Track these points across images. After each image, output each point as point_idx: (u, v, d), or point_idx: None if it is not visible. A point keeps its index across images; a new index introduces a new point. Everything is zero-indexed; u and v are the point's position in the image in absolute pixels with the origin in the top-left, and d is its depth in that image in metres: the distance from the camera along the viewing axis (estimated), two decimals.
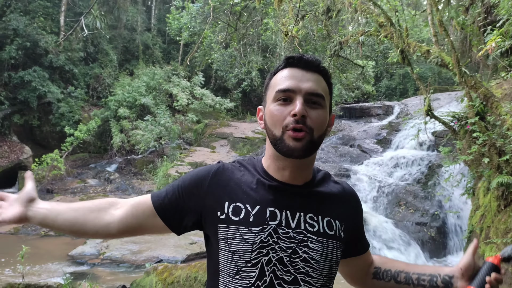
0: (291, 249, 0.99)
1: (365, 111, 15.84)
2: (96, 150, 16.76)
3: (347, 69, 11.10)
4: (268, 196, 1.03)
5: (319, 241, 1.02)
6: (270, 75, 1.09)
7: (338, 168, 9.84)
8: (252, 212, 1.01)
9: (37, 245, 7.26)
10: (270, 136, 1.03)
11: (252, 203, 1.02)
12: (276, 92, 1.02)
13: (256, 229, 0.99)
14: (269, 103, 1.04)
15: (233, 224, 1.00)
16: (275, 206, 1.02)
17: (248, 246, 0.98)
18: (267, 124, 1.04)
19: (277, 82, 1.04)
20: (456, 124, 6.16)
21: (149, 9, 24.19)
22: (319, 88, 1.02)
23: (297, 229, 1.01)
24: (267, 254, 0.98)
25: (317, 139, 1.01)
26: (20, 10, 15.19)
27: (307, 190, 1.07)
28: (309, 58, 1.04)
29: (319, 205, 1.07)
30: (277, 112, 1.00)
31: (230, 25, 10.41)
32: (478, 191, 6.04)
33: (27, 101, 14.75)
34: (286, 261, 0.98)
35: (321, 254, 1.02)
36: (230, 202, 1.03)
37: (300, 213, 1.03)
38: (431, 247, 7.12)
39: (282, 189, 1.05)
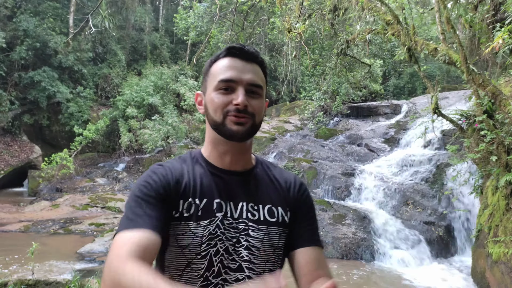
0: (235, 239, 1.04)
1: (373, 110, 15.76)
2: (105, 149, 16.91)
3: (354, 68, 11.05)
4: (213, 187, 1.06)
5: (260, 229, 1.06)
6: (210, 62, 1.10)
7: (345, 167, 9.81)
8: (200, 206, 1.03)
9: (47, 242, 7.34)
10: (211, 121, 1.06)
11: (200, 196, 1.04)
12: (218, 82, 1.04)
13: (204, 222, 1.01)
14: (210, 90, 1.07)
15: (184, 221, 1.01)
16: (220, 197, 1.05)
17: (198, 239, 1.00)
18: (208, 110, 1.07)
19: (218, 71, 1.06)
20: (464, 122, 6.12)
21: (157, 9, 24.34)
22: (258, 79, 1.07)
23: (239, 219, 1.05)
24: (215, 245, 1.01)
25: (258, 124, 1.07)
26: (30, 11, 15.39)
27: (248, 178, 1.11)
28: (250, 49, 1.08)
29: (260, 193, 1.10)
30: (218, 100, 1.04)
31: (237, 24, 10.44)
32: (486, 190, 5.99)
33: (37, 101, 14.95)
34: (231, 250, 1.03)
35: (262, 241, 1.06)
36: (184, 200, 1.03)
37: (242, 203, 1.07)
38: (439, 246, 7.07)
39: (225, 178, 1.08)
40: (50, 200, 10.72)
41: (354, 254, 6.81)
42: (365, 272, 6.26)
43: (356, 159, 11.15)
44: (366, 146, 12.10)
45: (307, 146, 11.82)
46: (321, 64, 11.90)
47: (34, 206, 10.25)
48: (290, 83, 14.61)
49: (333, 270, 6.28)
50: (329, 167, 9.88)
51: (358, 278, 6.06)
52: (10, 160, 13.81)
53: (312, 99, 15.06)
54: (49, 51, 15.26)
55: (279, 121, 17.00)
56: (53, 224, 8.80)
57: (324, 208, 7.89)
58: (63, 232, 8.37)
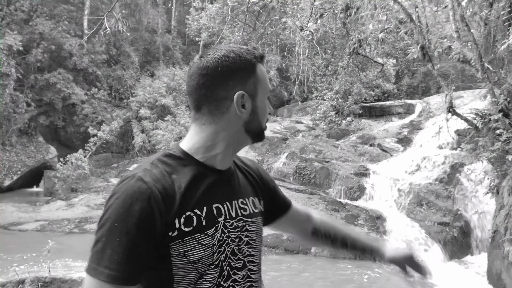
0: (238, 238, 1.04)
1: (386, 110, 15.61)
2: (119, 150, 17.11)
3: (366, 67, 10.97)
4: (209, 192, 1.01)
5: (253, 222, 1.10)
6: (251, 63, 1.03)
7: (357, 167, 9.75)
8: (202, 215, 0.97)
9: (62, 241, 7.46)
10: (257, 127, 1.06)
11: (199, 205, 0.97)
12: (267, 89, 1.07)
13: (211, 231, 0.97)
14: (262, 96, 1.06)
15: (189, 236, 0.94)
16: (218, 201, 1.02)
17: (209, 250, 0.97)
18: (258, 115, 1.05)
19: (264, 78, 1.07)
20: (479, 121, 6.02)
21: (169, 11, 24.54)
22: None
23: (236, 217, 1.05)
24: (224, 251, 1.00)
25: None
26: (46, 14, 15.69)
27: (232, 174, 1.11)
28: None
29: (243, 187, 1.13)
30: (267, 109, 1.09)
31: (249, 25, 10.46)
32: (502, 190, 5.88)
33: (52, 102, 15.23)
34: (236, 250, 1.04)
35: (256, 233, 1.11)
36: (179, 216, 0.94)
37: (235, 201, 1.07)
38: (453, 248, 6.97)
39: (217, 178, 1.04)
40: (65, 200, 10.90)
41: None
42: (377, 273, 6.21)
43: (368, 159, 11.06)
44: (379, 146, 11.99)
45: (319, 146, 11.77)
46: (333, 64, 11.84)
47: (50, 206, 10.44)
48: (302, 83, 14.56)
49: (346, 270, 6.26)
50: (341, 167, 9.82)
51: (371, 278, 6.02)
52: (27, 161, 14.09)
53: (324, 99, 14.99)
54: (64, 54, 15.53)
55: (290, 121, 16.97)
56: (68, 224, 8.95)
57: (336, 209, 7.85)
58: (78, 232, 8.51)
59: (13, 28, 14.13)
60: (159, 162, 0.99)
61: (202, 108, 1.02)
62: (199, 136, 1.03)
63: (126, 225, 0.87)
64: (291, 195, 8.35)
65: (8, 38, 12.69)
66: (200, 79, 1.00)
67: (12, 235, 8.09)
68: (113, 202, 0.90)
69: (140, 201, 0.89)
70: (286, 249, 6.98)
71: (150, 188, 0.91)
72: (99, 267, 0.86)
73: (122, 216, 0.88)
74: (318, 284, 5.82)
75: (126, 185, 0.91)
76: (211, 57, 1.00)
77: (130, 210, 0.88)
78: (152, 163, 0.99)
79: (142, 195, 0.89)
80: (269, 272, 5.98)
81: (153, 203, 0.89)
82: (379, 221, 7.39)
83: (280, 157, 11.43)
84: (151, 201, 0.89)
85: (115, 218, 0.88)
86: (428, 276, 1.34)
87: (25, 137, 14.80)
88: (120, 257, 0.86)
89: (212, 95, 1.00)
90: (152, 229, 0.89)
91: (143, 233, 0.88)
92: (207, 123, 1.02)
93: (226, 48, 1.02)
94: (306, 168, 10.04)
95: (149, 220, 0.88)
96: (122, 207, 0.88)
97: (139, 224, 0.87)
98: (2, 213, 9.45)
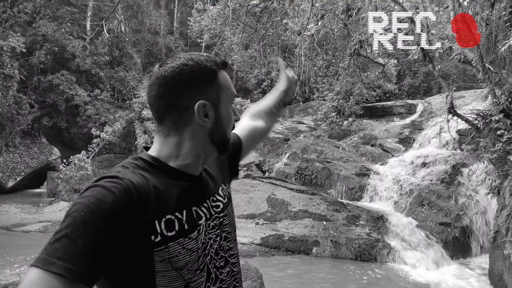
0: (218, 236, 1.04)
1: (387, 110, 15.60)
2: (121, 151, 17.17)
3: (367, 68, 10.98)
4: (187, 196, 0.98)
5: (225, 214, 1.10)
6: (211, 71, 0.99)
7: (359, 167, 9.75)
8: (183, 219, 0.94)
9: None
10: (221, 136, 1.03)
11: (178, 208, 0.94)
12: (231, 96, 1.05)
13: (194, 234, 0.95)
14: (226, 104, 1.03)
15: (172, 241, 0.90)
16: (195, 204, 1.00)
17: (195, 254, 0.94)
18: (222, 125, 1.02)
19: (228, 84, 1.03)
20: (480, 122, 6.03)
21: (171, 12, 24.63)
22: None
23: (213, 216, 1.04)
24: (208, 253, 0.99)
25: None
26: (49, 16, 15.80)
27: (202, 177, 1.07)
28: None
29: (212, 181, 1.11)
30: (232, 118, 1.06)
31: (251, 26, 10.49)
32: (504, 191, 5.88)
33: (56, 104, 15.33)
34: (218, 250, 1.04)
35: (230, 224, 1.11)
36: (159, 219, 0.89)
37: (208, 201, 1.05)
38: (455, 248, 6.97)
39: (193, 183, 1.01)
40: (68, 201, 10.95)
41: (368, 255, 6.77)
42: (379, 274, 6.22)
43: (370, 159, 11.07)
44: (380, 147, 11.99)
45: (321, 146, 11.78)
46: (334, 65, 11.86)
47: (53, 207, 10.50)
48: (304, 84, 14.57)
49: (347, 271, 6.27)
50: (342, 168, 9.83)
51: (373, 279, 6.03)
52: (30, 162, 14.17)
53: (325, 100, 15.01)
54: (67, 55, 15.63)
55: (292, 122, 16.99)
56: None
57: (337, 209, 7.86)
58: None
59: (16, 30, 14.24)
60: (130, 164, 0.94)
61: (165, 119, 0.97)
62: (166, 147, 0.99)
63: (94, 218, 0.78)
64: (292, 195, 8.38)
65: (11, 40, 12.78)
66: (159, 89, 0.95)
67: (15, 236, 8.14)
68: (84, 195, 0.82)
69: (112, 195, 0.82)
70: (287, 249, 7.00)
71: (123, 184, 0.84)
72: (51, 258, 0.75)
73: (91, 209, 0.79)
74: (319, 284, 5.83)
75: (99, 183, 0.85)
76: (169, 66, 0.95)
77: (101, 204, 0.80)
78: (122, 165, 0.94)
79: (115, 189, 0.83)
80: (271, 272, 6.00)
81: (126, 198, 0.83)
82: (381, 222, 7.39)
83: (281, 157, 11.45)
84: (125, 196, 0.83)
85: (84, 209, 0.79)
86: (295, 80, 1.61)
87: (28, 138, 14.89)
88: (80, 250, 0.75)
89: (172, 105, 0.95)
90: (124, 227, 0.82)
91: (112, 230, 0.80)
92: (172, 134, 0.98)
93: (185, 56, 0.98)
94: (308, 169, 10.06)
95: (121, 215, 0.81)
96: (94, 198, 0.80)
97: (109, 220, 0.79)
98: (5, 214, 9.52)
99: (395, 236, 7.06)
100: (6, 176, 13.27)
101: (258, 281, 3.86)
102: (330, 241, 6.98)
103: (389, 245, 6.82)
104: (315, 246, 6.97)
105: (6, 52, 12.49)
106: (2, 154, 13.47)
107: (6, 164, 13.44)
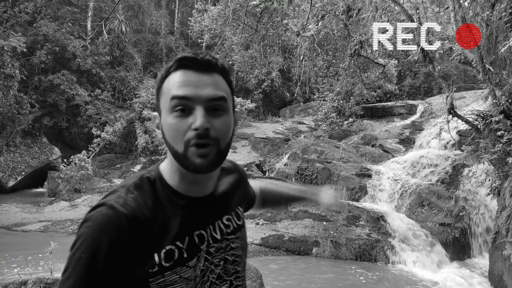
0: (223, 260, 0.99)
1: (387, 111, 15.60)
2: (122, 150, 17.20)
3: (368, 68, 10.98)
4: (190, 220, 0.93)
5: (237, 237, 1.04)
6: (161, 78, 0.92)
7: (359, 167, 9.75)
8: (184, 247, 0.90)
9: (65, 242, 7.45)
10: (171, 151, 0.90)
11: (179, 236, 0.90)
12: (171, 101, 0.88)
13: (193, 262, 0.91)
14: (165, 113, 0.90)
15: (169, 270, 0.87)
16: (199, 228, 0.95)
17: (192, 283, 0.91)
18: (167, 138, 0.90)
19: (170, 88, 0.89)
20: (480, 123, 6.03)
21: (172, 12, 24.65)
22: (219, 91, 0.90)
23: (221, 238, 0.99)
24: (207, 279, 0.95)
25: (225, 148, 0.91)
26: (50, 16, 15.83)
27: (216, 193, 1.02)
28: (205, 57, 0.90)
29: (227, 203, 1.05)
30: (176, 126, 0.87)
31: (251, 26, 10.50)
32: (504, 191, 5.88)
33: (56, 103, 15.36)
34: (222, 273, 0.98)
35: (241, 247, 1.05)
36: (159, 251, 0.87)
37: (218, 222, 1.00)
38: (455, 248, 6.97)
39: (198, 206, 0.96)
40: (69, 200, 10.97)
41: (368, 255, 6.77)
42: (379, 274, 6.22)
43: (370, 160, 11.07)
44: (380, 147, 11.99)
45: (321, 147, 11.79)
46: (334, 65, 11.86)
47: (54, 207, 10.51)
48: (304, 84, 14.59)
49: (347, 271, 6.27)
50: (343, 168, 9.83)
51: (373, 280, 6.03)
52: (31, 162, 14.19)
53: (326, 100, 15.02)
54: (68, 55, 15.66)
55: (293, 122, 17.00)
56: (71, 224, 9.01)
57: (338, 209, 7.86)
58: None
59: (17, 30, 14.26)
60: (135, 188, 0.90)
61: None
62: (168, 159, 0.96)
63: (92, 258, 0.80)
64: None
65: (12, 40, 12.80)
66: None
67: (15, 236, 8.15)
68: (82, 232, 0.82)
69: (109, 233, 0.81)
70: (288, 249, 7.00)
71: (120, 219, 0.83)
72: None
73: (89, 249, 0.80)
74: (319, 285, 5.83)
75: (97, 213, 0.84)
76: None
77: (98, 242, 0.80)
78: (127, 189, 0.90)
79: (112, 226, 0.82)
80: (271, 274, 6.01)
81: (123, 236, 0.82)
82: (381, 222, 7.39)
83: (282, 157, 11.45)
84: (121, 234, 0.82)
85: (83, 249, 0.80)
86: (345, 210, 1.60)
87: (29, 138, 14.91)
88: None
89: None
90: (121, 263, 0.82)
91: (110, 268, 0.81)
92: None
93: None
94: (308, 169, 10.06)
95: (117, 254, 0.81)
96: (90, 238, 0.81)
97: (106, 260, 0.80)
98: (6, 214, 9.53)
99: (395, 237, 7.06)
100: (7, 175, 13.29)
101: (258, 281, 3.87)
102: (330, 241, 6.99)
103: (389, 246, 6.82)
104: (315, 247, 6.98)
105: (7, 52, 12.51)
106: (3, 154, 13.49)
107: (7, 164, 13.46)
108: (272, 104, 21.41)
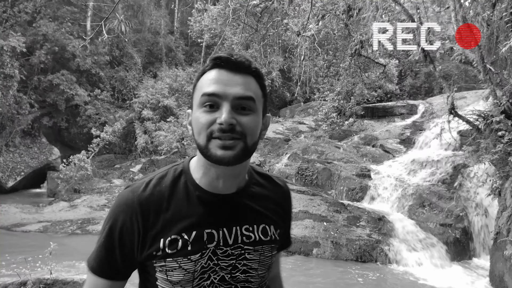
0: (231, 266, 0.98)
1: (388, 111, 15.58)
2: (121, 151, 17.17)
3: (368, 68, 10.95)
4: (204, 216, 0.97)
5: (256, 250, 1.02)
6: (197, 76, 0.97)
7: (359, 168, 9.73)
8: (189, 240, 0.94)
9: (65, 242, 7.50)
10: (196, 144, 0.94)
11: (188, 229, 0.95)
12: (201, 97, 0.92)
13: (195, 257, 0.94)
14: (195, 109, 0.94)
15: (171, 257, 0.94)
16: (212, 226, 0.97)
17: (189, 275, 0.94)
18: (194, 132, 0.94)
19: (203, 85, 0.93)
20: (481, 123, 6.01)
21: (172, 12, 24.61)
22: (248, 91, 0.92)
23: (234, 245, 0.98)
24: (208, 277, 0.96)
25: (252, 146, 0.93)
26: (49, 16, 15.79)
27: (241, 199, 1.02)
28: (238, 58, 0.93)
29: (254, 213, 1.04)
30: (202, 119, 0.90)
31: (251, 26, 10.47)
32: (505, 192, 5.86)
33: (56, 104, 15.33)
34: (227, 278, 0.98)
35: (258, 261, 1.02)
36: (165, 237, 0.94)
37: (236, 227, 0.99)
38: (456, 249, 6.94)
39: (217, 203, 0.98)
40: (68, 201, 10.94)
41: (369, 256, 6.75)
42: (380, 275, 6.20)
43: (371, 160, 11.04)
44: (381, 147, 11.97)
45: (321, 147, 11.77)
46: (335, 65, 11.84)
47: (53, 207, 10.49)
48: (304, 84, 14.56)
49: (348, 272, 6.25)
50: (343, 168, 9.81)
51: (373, 280, 6.01)
52: (30, 162, 14.16)
53: (326, 100, 14.99)
54: (67, 55, 15.62)
55: (293, 122, 16.97)
56: (71, 225, 8.99)
57: (338, 210, 7.84)
58: (81, 233, 8.54)
59: (16, 29, 14.23)
60: (159, 177, 1.01)
61: None
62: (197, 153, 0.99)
63: (109, 231, 0.97)
64: (293, 196, 8.33)
65: (11, 39, 12.76)
66: None
67: (15, 236, 8.13)
68: (111, 207, 0.99)
69: (123, 213, 0.96)
70: (288, 250, 6.98)
71: (134, 202, 0.96)
72: (89, 258, 1.00)
73: (109, 222, 0.97)
74: (319, 285, 5.81)
75: (121, 194, 0.99)
76: None
77: (115, 219, 0.97)
78: (152, 178, 1.01)
79: (128, 207, 0.96)
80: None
81: (134, 219, 0.95)
82: (381, 223, 7.37)
83: (282, 158, 11.43)
84: (133, 217, 0.95)
85: (106, 222, 0.98)
86: None
87: (28, 138, 14.88)
88: (99, 254, 0.98)
89: None
90: (129, 242, 0.96)
91: (120, 243, 0.96)
92: None
93: None
94: (308, 169, 10.04)
95: (127, 233, 0.96)
96: (112, 213, 0.98)
97: (119, 234, 0.96)
98: (5, 214, 9.50)
99: (395, 237, 7.04)
100: (6, 176, 13.26)
101: None
102: (331, 242, 6.96)
103: (390, 246, 6.80)
104: (316, 247, 6.95)
105: (7, 52, 12.48)
106: (2, 154, 13.46)
107: (6, 164, 13.43)
108: (272, 104, 21.38)
